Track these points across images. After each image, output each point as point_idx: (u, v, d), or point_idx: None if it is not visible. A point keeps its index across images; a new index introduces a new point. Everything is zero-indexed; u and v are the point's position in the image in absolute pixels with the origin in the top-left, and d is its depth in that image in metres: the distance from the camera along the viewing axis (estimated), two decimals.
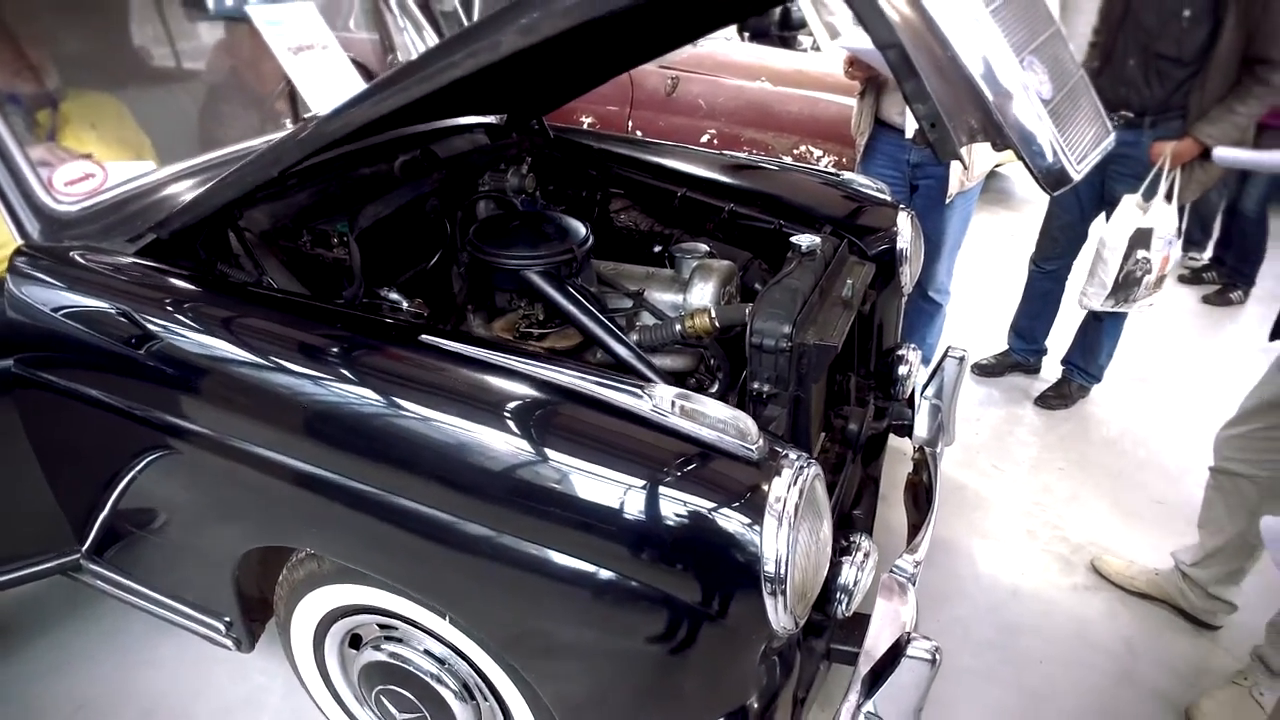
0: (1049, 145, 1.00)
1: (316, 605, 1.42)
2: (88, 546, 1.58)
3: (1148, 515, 2.51)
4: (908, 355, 1.88)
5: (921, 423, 1.82)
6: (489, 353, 1.17)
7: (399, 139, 1.82)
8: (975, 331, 3.49)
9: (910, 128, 2.49)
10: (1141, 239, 2.50)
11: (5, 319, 1.38)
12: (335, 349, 1.20)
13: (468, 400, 1.11)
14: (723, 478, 1.01)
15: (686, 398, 1.09)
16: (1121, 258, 2.53)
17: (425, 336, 1.21)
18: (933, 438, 1.83)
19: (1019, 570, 2.27)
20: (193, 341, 1.25)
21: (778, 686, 1.17)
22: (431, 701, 1.38)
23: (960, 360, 1.86)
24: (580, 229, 1.73)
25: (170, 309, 1.28)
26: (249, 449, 1.23)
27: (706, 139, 3.86)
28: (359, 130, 1.21)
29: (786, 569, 0.97)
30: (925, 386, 1.84)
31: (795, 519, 0.98)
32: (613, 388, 1.10)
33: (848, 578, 1.24)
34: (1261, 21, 2.26)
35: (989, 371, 3.25)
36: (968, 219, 2.70)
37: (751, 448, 1.02)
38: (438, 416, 1.10)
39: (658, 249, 2.02)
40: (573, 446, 1.05)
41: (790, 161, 2.81)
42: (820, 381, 1.43)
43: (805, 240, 1.51)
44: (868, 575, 1.26)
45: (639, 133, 3.98)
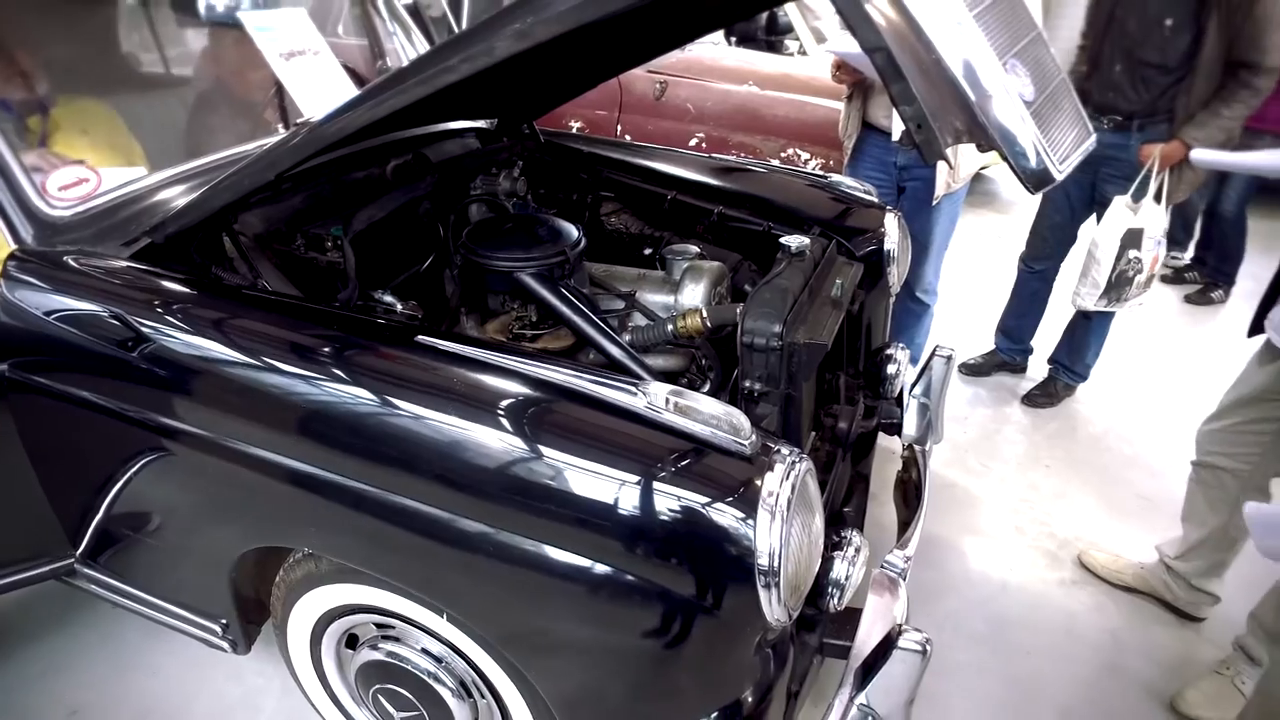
0: (1032, 146, 1.02)
1: (313, 605, 1.43)
2: (82, 551, 1.58)
3: (1133, 510, 2.55)
4: (896, 354, 1.91)
5: (910, 421, 1.85)
6: (484, 352, 1.18)
7: (391, 143, 1.83)
8: (962, 331, 3.52)
9: (897, 130, 2.51)
10: (1133, 239, 2.54)
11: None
12: (333, 349, 1.21)
13: (464, 399, 1.12)
14: (716, 473, 1.03)
15: (680, 394, 1.10)
16: (1114, 258, 2.56)
17: (421, 336, 1.22)
18: (921, 436, 1.86)
19: (1008, 566, 2.30)
20: (190, 344, 1.26)
21: (772, 680, 1.19)
22: (429, 700, 1.38)
23: (948, 359, 1.89)
24: (572, 231, 1.75)
25: (165, 312, 1.28)
26: (248, 450, 1.23)
27: (695, 142, 3.88)
28: (354, 134, 1.23)
29: (780, 561, 0.99)
30: (914, 385, 1.87)
31: (788, 513, 1.00)
32: (607, 385, 1.11)
33: (839, 572, 1.26)
34: (1243, 27, 2.30)
35: (976, 371, 3.28)
36: (954, 220, 2.73)
37: (745, 443, 1.04)
38: (434, 415, 1.11)
39: (648, 251, 2.04)
40: (568, 443, 1.06)
41: (778, 164, 2.83)
42: (810, 380, 1.45)
43: (794, 241, 1.53)
44: (859, 570, 1.28)
45: (628, 137, 4.01)
